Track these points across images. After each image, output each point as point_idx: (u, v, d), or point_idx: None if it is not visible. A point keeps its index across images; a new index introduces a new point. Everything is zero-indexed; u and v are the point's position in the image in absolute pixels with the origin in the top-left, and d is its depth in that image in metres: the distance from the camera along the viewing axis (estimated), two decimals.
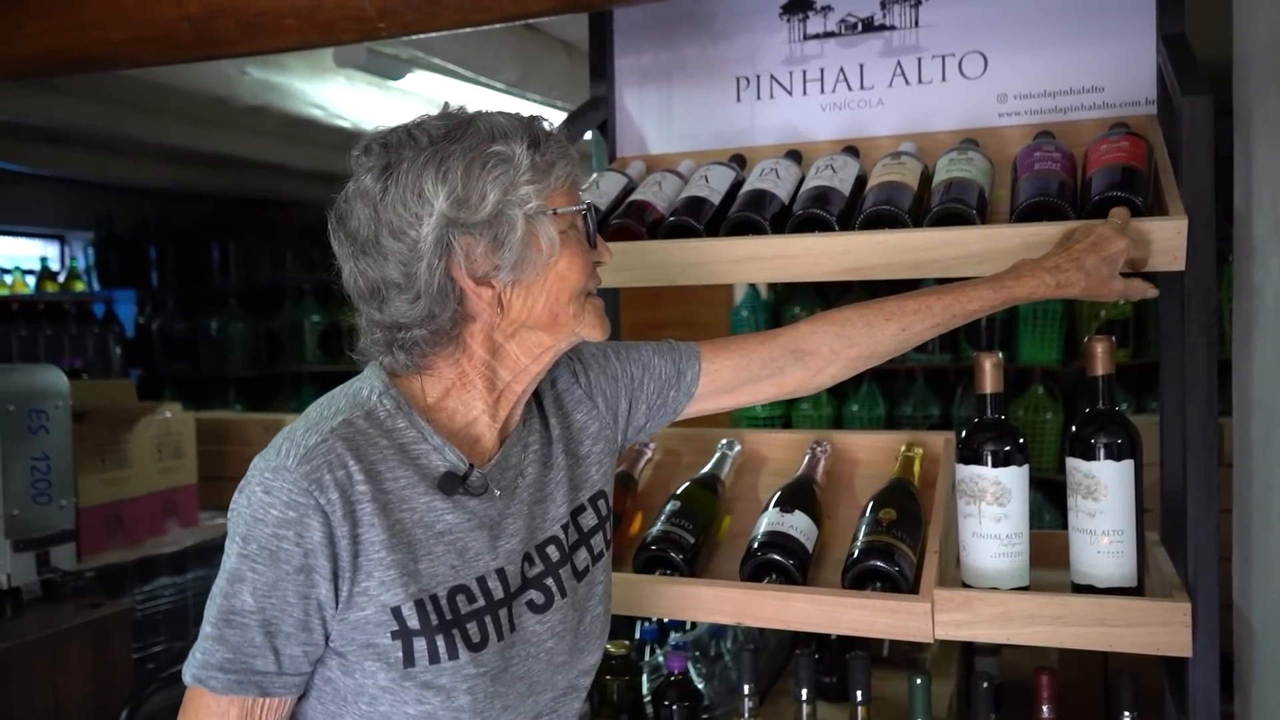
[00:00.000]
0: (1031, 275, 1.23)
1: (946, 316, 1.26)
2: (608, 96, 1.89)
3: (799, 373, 1.29)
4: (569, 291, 1.05)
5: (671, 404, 1.28)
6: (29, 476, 2.50)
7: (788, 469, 1.68)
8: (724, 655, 1.95)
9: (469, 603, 1.02)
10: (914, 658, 1.99)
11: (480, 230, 0.99)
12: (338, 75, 3.72)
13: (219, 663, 0.96)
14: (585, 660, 1.14)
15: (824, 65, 1.75)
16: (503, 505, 1.07)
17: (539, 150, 1.02)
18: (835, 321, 1.28)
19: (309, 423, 1.02)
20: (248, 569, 0.96)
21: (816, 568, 1.49)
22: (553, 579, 1.10)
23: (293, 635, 0.97)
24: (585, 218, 1.07)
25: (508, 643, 1.04)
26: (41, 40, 1.89)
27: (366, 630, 0.99)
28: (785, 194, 1.53)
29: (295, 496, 0.96)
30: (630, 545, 1.60)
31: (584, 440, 1.19)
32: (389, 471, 1.01)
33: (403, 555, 0.99)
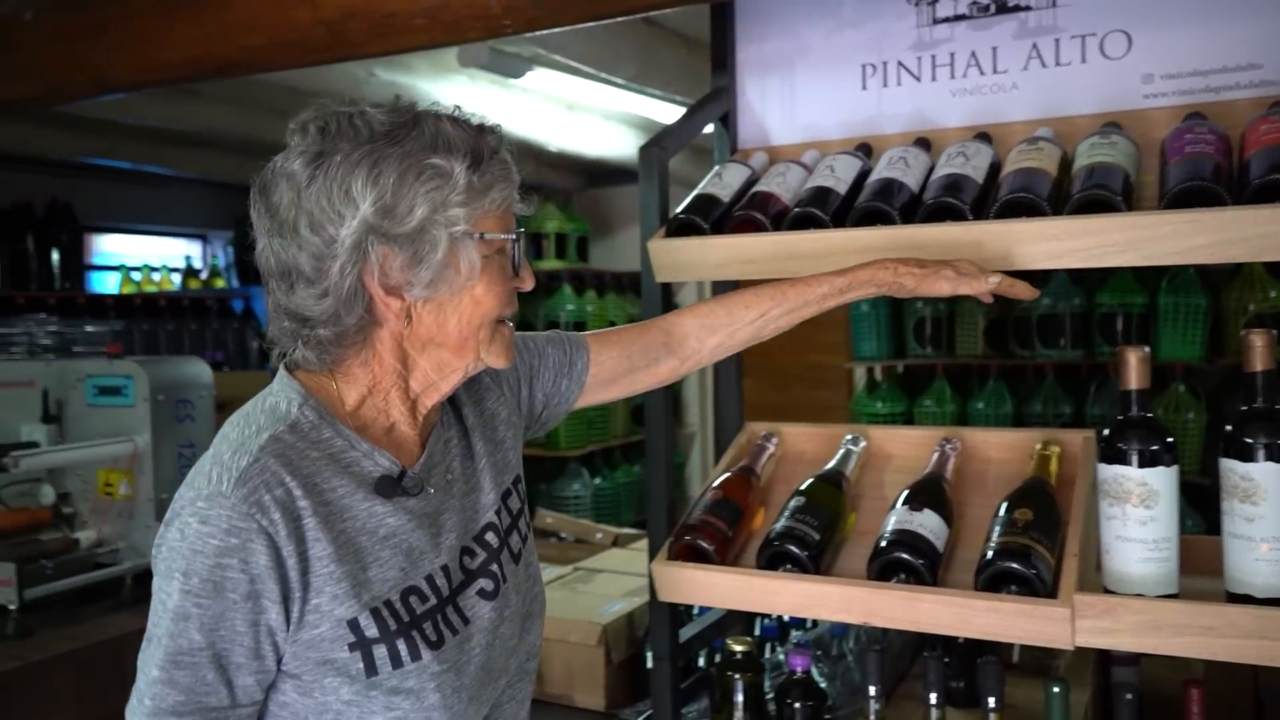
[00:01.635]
0: (877, 265, 1.30)
1: (799, 302, 1.32)
2: (729, 87, 1.87)
3: (670, 363, 1.35)
4: (481, 316, 1.03)
5: (565, 393, 1.29)
6: (176, 463, 2.63)
7: (914, 466, 1.64)
8: (846, 655, 1.91)
9: (421, 602, 1.02)
10: (1046, 665, 1.91)
11: (401, 243, 0.97)
12: (460, 75, 3.80)
13: (170, 706, 0.93)
14: (530, 640, 1.16)
15: (954, 49, 1.69)
16: (439, 501, 1.07)
17: (479, 170, 0.99)
18: (700, 313, 1.35)
19: (233, 444, 0.97)
20: (192, 605, 0.92)
21: (947, 569, 1.44)
22: (496, 565, 1.11)
23: (244, 665, 0.94)
24: (513, 245, 1.05)
25: (464, 635, 1.04)
26: (188, 47, 1.99)
27: (321, 647, 0.96)
28: (915, 183, 1.48)
29: (235, 522, 0.92)
30: (753, 540, 1.58)
31: (498, 426, 1.19)
32: (325, 482, 0.98)
33: (352, 565, 0.97)
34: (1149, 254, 1.24)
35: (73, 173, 5.20)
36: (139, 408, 2.57)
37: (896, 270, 1.29)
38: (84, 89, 2.31)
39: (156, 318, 5.03)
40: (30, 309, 4.42)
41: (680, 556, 1.54)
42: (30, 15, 2.28)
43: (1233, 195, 1.25)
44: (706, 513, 1.56)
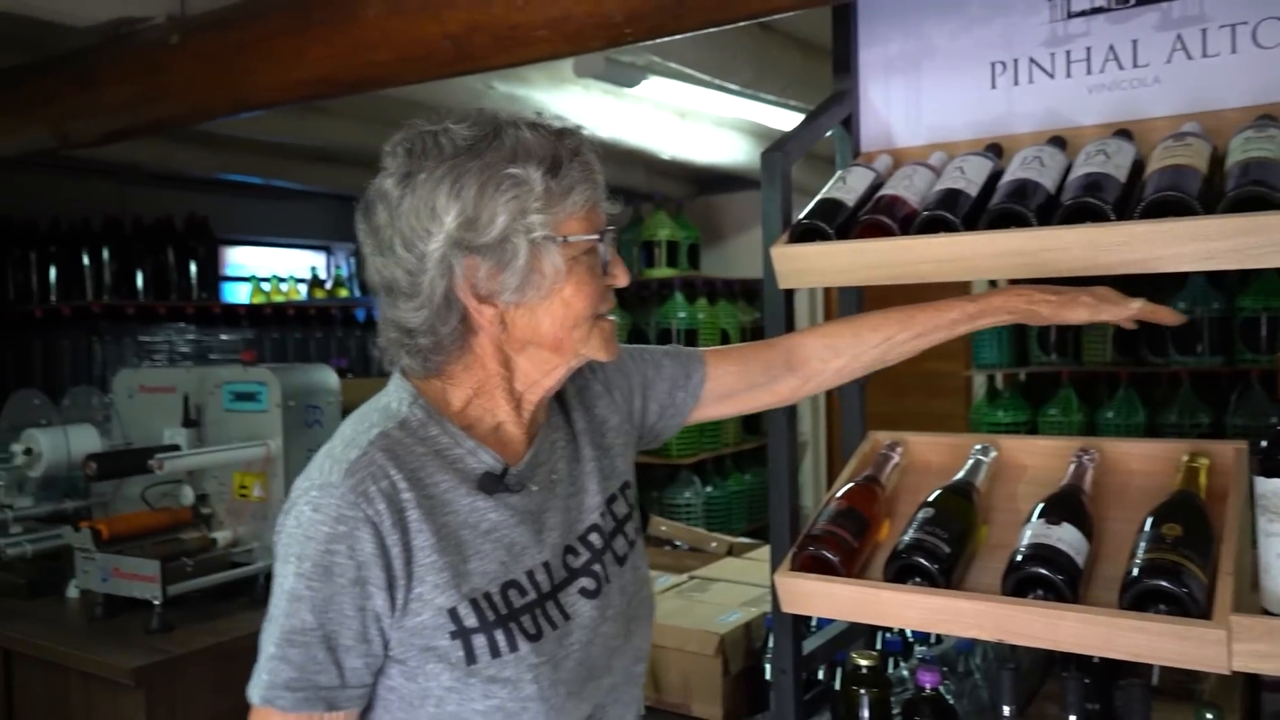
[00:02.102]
0: (1011, 291, 1.28)
1: (928, 326, 1.31)
2: (852, 90, 1.84)
3: (791, 381, 1.34)
4: (574, 316, 1.05)
5: (680, 405, 1.30)
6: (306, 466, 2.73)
7: (1048, 478, 1.57)
8: (974, 672, 1.85)
9: (521, 596, 1.04)
10: (1188, 689, 1.81)
11: (485, 253, 1.00)
12: (575, 85, 3.85)
13: (285, 682, 0.97)
14: (637, 643, 1.16)
15: (1090, 44, 1.62)
16: (541, 500, 1.10)
17: (557, 175, 1.01)
18: (825, 333, 1.35)
19: (345, 440, 1.03)
20: (304, 587, 0.98)
21: (1086, 586, 1.38)
22: (599, 565, 1.13)
23: (352, 647, 0.99)
24: (600, 244, 1.06)
25: (564, 631, 1.07)
26: (321, 65, 2.06)
27: (424, 634, 1.00)
28: (1051, 183, 1.43)
29: (344, 511, 0.97)
30: (878, 552, 1.55)
31: (607, 433, 1.22)
32: (430, 477, 1.02)
33: (453, 557, 1.01)
34: None
35: (209, 188, 5.47)
36: (272, 413, 2.68)
37: (1031, 298, 1.27)
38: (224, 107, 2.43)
39: (285, 326, 5.24)
40: (170, 318, 4.66)
41: (803, 567, 1.51)
42: (176, 39, 2.41)
43: None
44: (831, 523, 1.53)
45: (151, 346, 4.42)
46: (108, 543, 2.51)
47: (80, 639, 2.41)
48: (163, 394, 2.86)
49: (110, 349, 4.30)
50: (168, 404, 2.83)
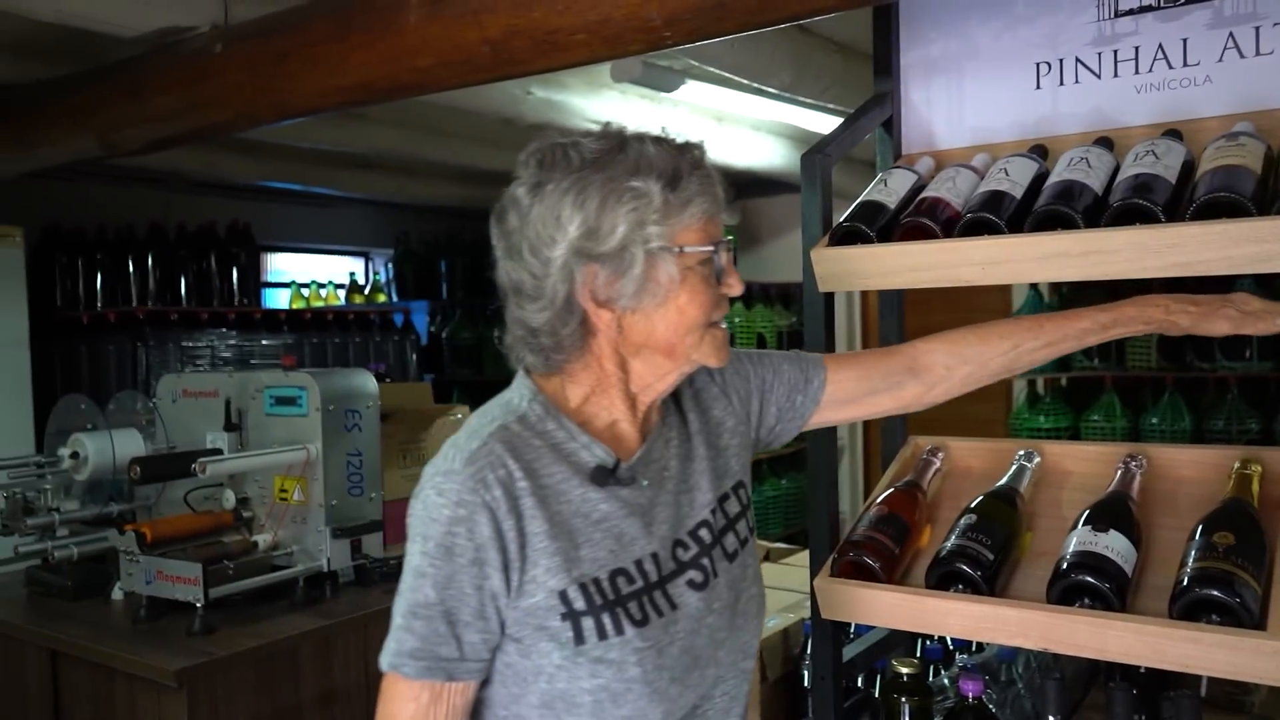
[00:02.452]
0: (1145, 301, 1.26)
1: (1057, 335, 1.29)
2: (893, 92, 1.82)
3: (915, 388, 1.35)
4: (687, 324, 1.10)
5: (799, 409, 1.33)
6: (345, 470, 2.75)
7: (1093, 485, 1.54)
8: (1016, 681, 1.82)
9: (629, 584, 1.09)
10: (1239, 700, 1.77)
11: (605, 261, 1.06)
12: (612, 90, 3.86)
13: (409, 650, 1.05)
14: (743, 639, 1.20)
15: (1139, 43, 1.59)
16: (651, 495, 1.15)
17: (676, 188, 1.06)
18: (951, 340, 1.34)
19: (469, 431, 1.11)
20: (428, 565, 1.05)
21: (1134, 594, 1.35)
22: (707, 559, 1.17)
23: (471, 624, 1.06)
24: (714, 255, 1.10)
25: (670, 619, 1.11)
26: (362, 71, 2.08)
27: (538, 615, 1.06)
28: (1099, 185, 1.40)
29: (464, 495, 1.05)
30: (920, 559, 1.53)
31: (722, 434, 1.26)
32: (545, 468, 1.09)
33: (564, 543, 1.07)
34: None
35: (250, 195, 5.54)
36: (311, 417, 2.70)
37: (1168, 309, 1.24)
38: (267, 114, 2.45)
39: (324, 331, 5.29)
40: (212, 324, 4.72)
41: (844, 573, 1.49)
42: (220, 48, 2.44)
43: None
44: (871, 528, 1.52)
45: (194, 351, 4.48)
46: (151, 545, 2.54)
47: (124, 640, 2.44)
48: (205, 398, 2.89)
49: (154, 354, 4.36)
50: (210, 408, 2.86)
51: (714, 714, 1.17)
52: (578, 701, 1.07)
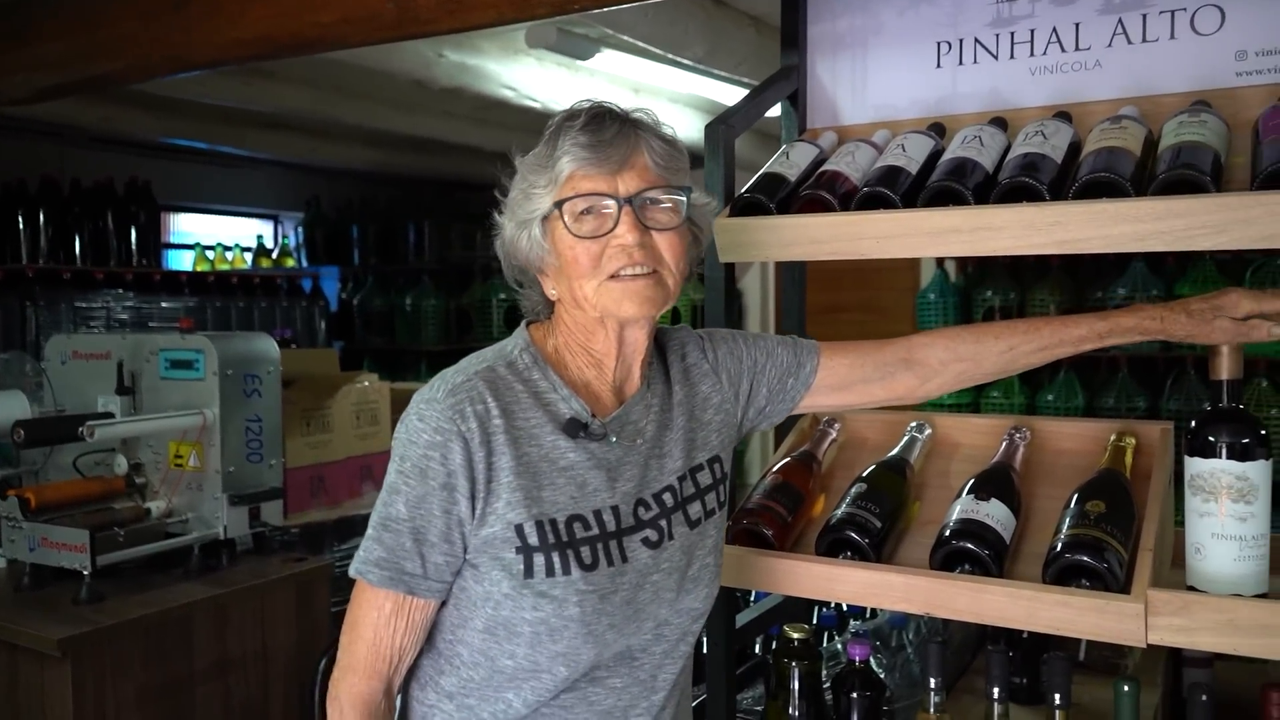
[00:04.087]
0: (1140, 309, 1.28)
1: (1053, 340, 1.31)
2: (799, 66, 1.83)
3: (908, 379, 1.38)
4: (580, 275, 1.16)
5: (790, 392, 1.38)
6: (243, 436, 2.68)
7: (981, 456, 1.59)
8: (906, 647, 1.88)
9: (584, 529, 1.16)
10: (1114, 664, 1.86)
11: (520, 229, 1.20)
12: (528, 57, 3.80)
13: (375, 560, 1.14)
14: (690, 601, 1.25)
15: (1034, 26, 1.63)
16: (621, 453, 1.21)
17: (554, 149, 1.15)
18: (947, 335, 1.38)
19: (459, 368, 1.20)
20: (402, 483, 1.14)
21: (1013, 561, 1.40)
22: (665, 521, 1.23)
23: (437, 545, 1.13)
24: (587, 209, 1.15)
25: (618, 569, 1.17)
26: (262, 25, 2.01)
27: (495, 545, 1.14)
28: (990, 163, 1.44)
29: (442, 423, 1.13)
30: (813, 527, 1.56)
31: (707, 409, 1.32)
32: (522, 412, 1.17)
33: (527, 481, 1.14)
34: (1241, 237, 1.18)
35: (152, 153, 5.33)
36: (209, 381, 2.62)
37: (1164, 319, 1.25)
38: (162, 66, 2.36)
39: (229, 295, 5.14)
40: (108, 284, 4.55)
41: (739, 541, 1.51)
42: None
43: None
44: (766, 497, 1.54)
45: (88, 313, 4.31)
46: (36, 511, 2.44)
47: (6, 610, 2.35)
48: (97, 360, 2.79)
49: (45, 314, 4.19)
50: (102, 371, 2.75)
51: (648, 666, 1.23)
52: (518, 630, 1.15)
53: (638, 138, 1.16)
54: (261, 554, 2.75)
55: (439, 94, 3.95)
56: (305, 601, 2.67)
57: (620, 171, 1.15)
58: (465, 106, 4.32)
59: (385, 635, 1.16)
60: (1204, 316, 1.23)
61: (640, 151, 1.15)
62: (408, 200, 6.50)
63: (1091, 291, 4.10)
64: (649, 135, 1.17)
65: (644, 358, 1.25)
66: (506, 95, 3.99)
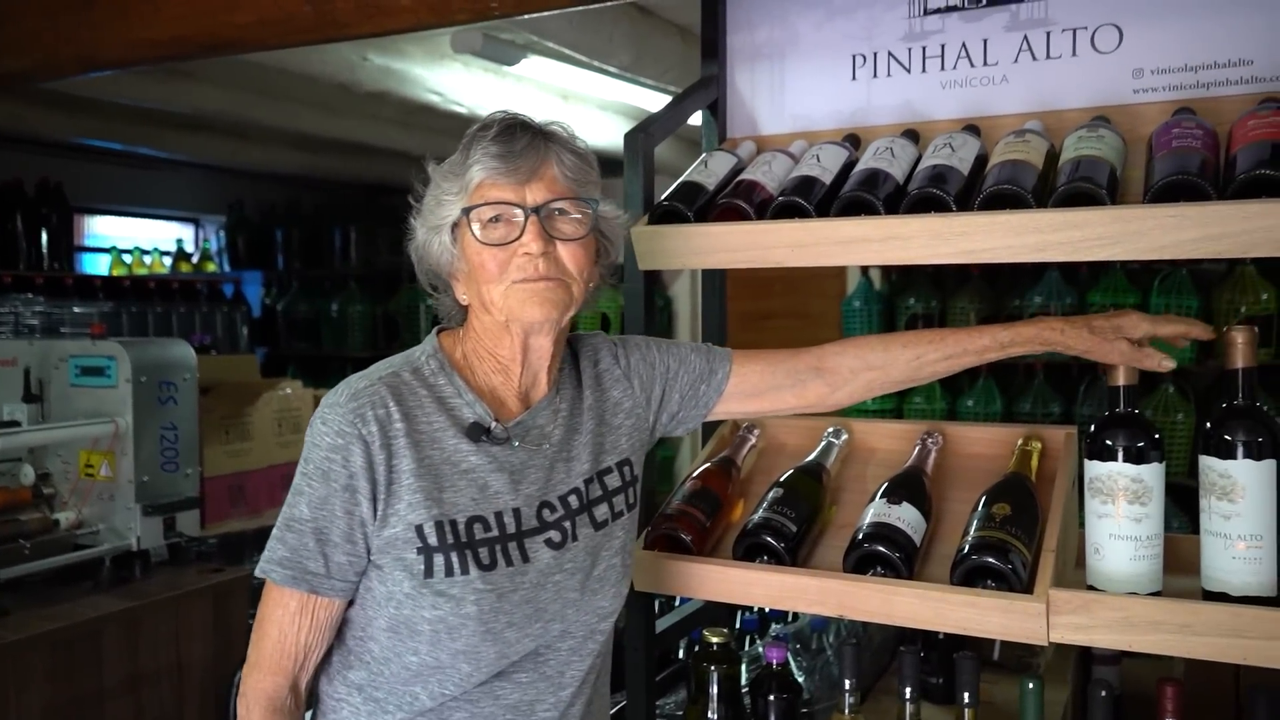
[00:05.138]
0: (1043, 322, 1.32)
1: (957, 349, 1.35)
2: (719, 76, 1.85)
3: (819, 387, 1.41)
4: (487, 279, 1.19)
5: (703, 398, 1.40)
6: (158, 445, 2.62)
7: (897, 460, 1.63)
8: (826, 649, 1.91)
9: (484, 530, 1.19)
10: (1026, 663, 1.90)
11: (424, 238, 1.24)
12: (455, 62, 3.78)
13: (279, 559, 1.17)
14: (597, 602, 1.26)
15: (945, 41, 1.68)
16: (525, 456, 1.23)
17: (466, 158, 1.18)
18: (858, 345, 1.41)
19: (364, 374, 1.23)
20: (305, 485, 1.17)
21: (924, 563, 1.43)
22: (570, 523, 1.25)
23: (339, 545, 1.16)
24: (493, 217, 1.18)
25: (518, 569, 1.20)
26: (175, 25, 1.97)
27: (397, 545, 1.16)
28: (900, 174, 1.47)
29: (343, 427, 1.16)
30: (731, 531, 1.57)
31: (617, 414, 1.34)
32: (425, 416, 1.20)
33: (428, 483, 1.17)
34: (1134, 248, 1.23)
35: (65, 153, 5.16)
36: (121, 389, 2.56)
37: (1064, 332, 1.29)
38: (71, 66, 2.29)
39: (146, 300, 5.00)
40: (17, 288, 4.39)
41: (658, 546, 1.52)
42: None
43: (1219, 191, 1.24)
44: (685, 503, 1.55)
45: None
46: None
47: None
48: (3, 367, 2.70)
49: None
50: (8, 378, 2.67)
51: (554, 663, 1.24)
52: (418, 629, 1.17)
53: (548, 149, 1.19)
54: (177, 565, 2.69)
55: (364, 98, 3.91)
56: (222, 613, 2.62)
57: (529, 182, 1.17)
58: (391, 110, 4.28)
59: (290, 633, 1.18)
60: (1105, 335, 1.28)
61: (550, 163, 1.18)
62: (333, 204, 6.40)
63: (1009, 299, 4.21)
64: (559, 148, 1.20)
65: (551, 364, 1.27)
66: (433, 100, 3.97)
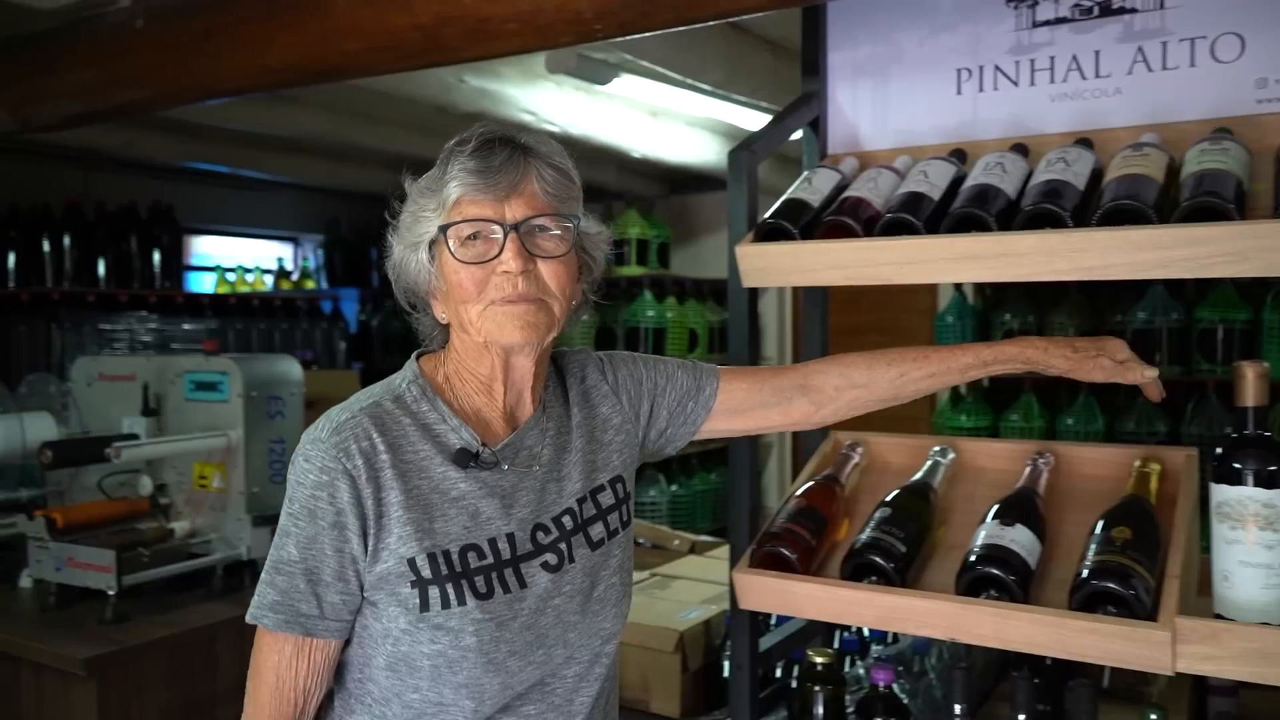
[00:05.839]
0: (1026, 341, 1.31)
1: (941, 367, 1.33)
2: (820, 92, 1.85)
3: (804, 405, 1.38)
4: (464, 299, 1.15)
5: (690, 415, 1.38)
6: (267, 457, 2.70)
7: (1004, 481, 1.59)
8: (928, 672, 1.87)
9: (479, 559, 1.15)
10: (1138, 691, 1.84)
11: (400, 255, 1.19)
12: (548, 81, 3.84)
13: (269, 604, 1.12)
14: (599, 624, 1.23)
15: (1054, 53, 1.64)
16: (515, 479, 1.20)
17: (443, 176, 1.14)
18: (842, 363, 1.39)
19: (344, 406, 1.18)
20: (292, 525, 1.13)
21: (1038, 586, 1.40)
22: (565, 544, 1.21)
23: (331, 584, 1.12)
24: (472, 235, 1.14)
25: (516, 596, 1.16)
26: (289, 53, 2.04)
27: (390, 581, 1.12)
28: (1012, 189, 1.45)
29: (327, 463, 1.11)
30: (836, 550, 1.56)
31: (607, 430, 1.31)
32: (410, 446, 1.16)
33: (418, 515, 1.13)
34: (1265, 264, 1.19)
35: (174, 176, 5.39)
36: (233, 403, 2.65)
37: (1047, 350, 1.29)
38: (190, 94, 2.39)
39: (250, 317, 5.18)
40: (132, 306, 4.59)
41: (762, 565, 1.52)
42: (141, 23, 2.37)
43: None
44: (790, 521, 1.54)
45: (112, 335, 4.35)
46: (62, 531, 2.47)
47: (32, 629, 2.37)
48: (122, 382, 2.82)
49: (70, 336, 4.23)
50: (127, 392, 2.79)
51: (561, 692, 1.21)
52: (418, 665, 1.13)
53: (528, 164, 1.14)
54: None
55: (459, 118, 3.99)
56: None
57: (508, 198, 1.13)
58: None
59: (288, 678, 1.14)
60: (1086, 353, 1.27)
61: (529, 179, 1.14)
62: None
63: (1111, 315, 4.08)
64: (539, 163, 1.15)
65: (535, 383, 1.23)
66: (526, 120, 4.03)
